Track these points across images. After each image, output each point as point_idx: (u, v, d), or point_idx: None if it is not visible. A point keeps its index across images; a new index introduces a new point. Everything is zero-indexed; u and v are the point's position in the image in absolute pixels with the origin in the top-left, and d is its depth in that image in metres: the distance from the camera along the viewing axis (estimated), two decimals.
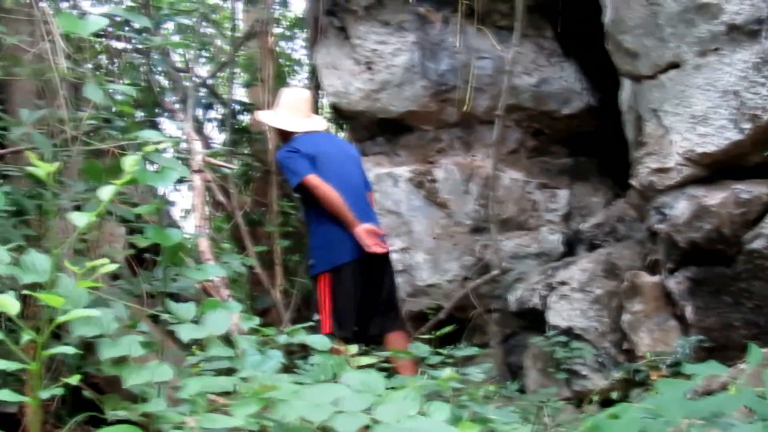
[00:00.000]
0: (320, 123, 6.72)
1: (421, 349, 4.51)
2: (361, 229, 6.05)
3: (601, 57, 6.26)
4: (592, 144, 7.94)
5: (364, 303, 6.16)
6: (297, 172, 6.21)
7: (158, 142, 3.61)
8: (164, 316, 3.42)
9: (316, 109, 6.67)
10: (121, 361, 3.39)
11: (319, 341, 3.69)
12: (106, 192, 2.77)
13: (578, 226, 7.60)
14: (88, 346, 3.57)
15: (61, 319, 2.60)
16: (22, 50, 4.60)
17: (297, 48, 12.93)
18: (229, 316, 3.37)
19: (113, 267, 2.73)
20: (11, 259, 2.83)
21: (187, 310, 3.34)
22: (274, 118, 6.70)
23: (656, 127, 5.64)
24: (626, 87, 6.29)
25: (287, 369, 3.60)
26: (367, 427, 2.61)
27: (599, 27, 6.11)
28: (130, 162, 2.94)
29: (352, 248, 6.11)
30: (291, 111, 6.56)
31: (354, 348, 3.98)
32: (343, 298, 6.11)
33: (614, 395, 5.57)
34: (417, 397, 2.84)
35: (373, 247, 6.03)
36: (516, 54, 7.02)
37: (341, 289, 6.13)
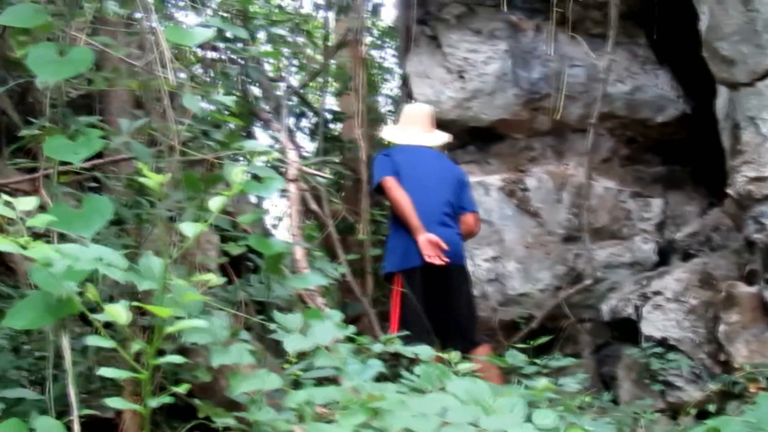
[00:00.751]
0: (433, 138, 6.68)
1: (517, 359, 4.49)
2: (423, 238, 6.05)
3: (696, 64, 6.18)
4: (686, 152, 7.85)
5: (434, 313, 6.14)
6: (378, 173, 6.29)
7: (262, 152, 3.66)
8: (270, 326, 3.44)
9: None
10: (218, 368, 3.43)
11: (423, 350, 3.70)
12: (215, 202, 2.80)
13: (672, 235, 7.52)
14: (183, 353, 3.62)
15: (170, 329, 2.64)
16: (122, 61, 4.67)
17: (388, 57, 13.00)
18: (334, 327, 3.38)
19: (221, 281, 2.77)
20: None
21: (294, 320, 3.36)
22: (387, 130, 6.92)
23: (754, 135, 5.55)
24: (722, 94, 6.21)
25: (385, 378, 3.61)
26: None
27: (695, 34, 6.04)
28: (237, 172, 2.97)
29: (420, 254, 6.12)
30: (406, 124, 6.66)
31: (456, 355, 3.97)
32: (410, 303, 6.08)
33: (710, 407, 5.49)
34: (523, 406, 2.83)
35: (432, 257, 6.02)
36: (610, 62, 6.96)
37: (408, 293, 6.12)
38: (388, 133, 6.88)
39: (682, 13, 6.55)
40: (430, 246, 6.03)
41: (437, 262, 6.03)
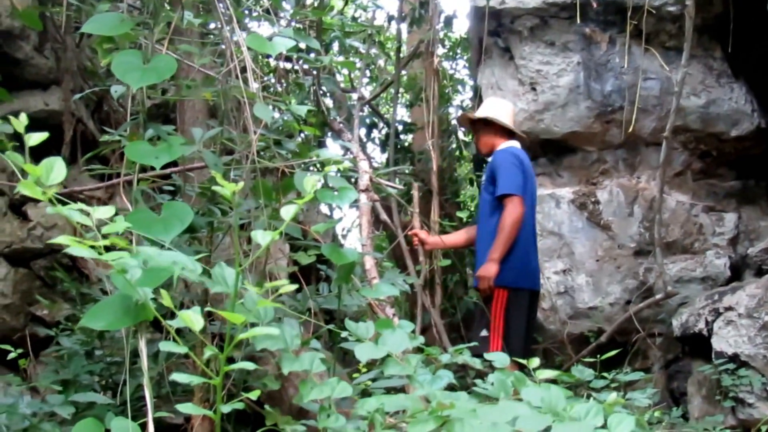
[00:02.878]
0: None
1: (585, 373, 4.47)
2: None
3: None
4: (760, 166, 7.78)
5: (531, 340, 6.21)
6: (517, 185, 6.19)
7: (337, 163, 3.69)
8: (342, 334, 3.47)
9: None
10: (287, 375, 3.46)
11: (498, 358, 3.71)
12: (288, 211, 2.82)
13: (746, 250, 7.44)
14: (252, 361, 3.66)
15: (243, 335, 2.67)
16: (198, 71, 4.73)
17: (460, 68, 13.00)
18: (406, 337, 3.40)
19: (292, 287, 2.79)
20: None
21: (366, 329, 3.39)
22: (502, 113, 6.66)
23: None
24: None
25: (455, 389, 3.61)
26: None
27: None
28: (310, 181, 3.00)
29: (533, 278, 6.24)
30: (507, 119, 6.59)
31: (536, 361, 3.96)
32: (516, 323, 6.05)
33: None
34: (600, 412, 2.82)
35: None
36: (684, 74, 6.91)
37: (517, 312, 6.08)
38: (502, 114, 6.65)
39: (757, 27, 6.50)
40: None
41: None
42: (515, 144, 6.46)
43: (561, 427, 2.63)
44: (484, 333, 5.97)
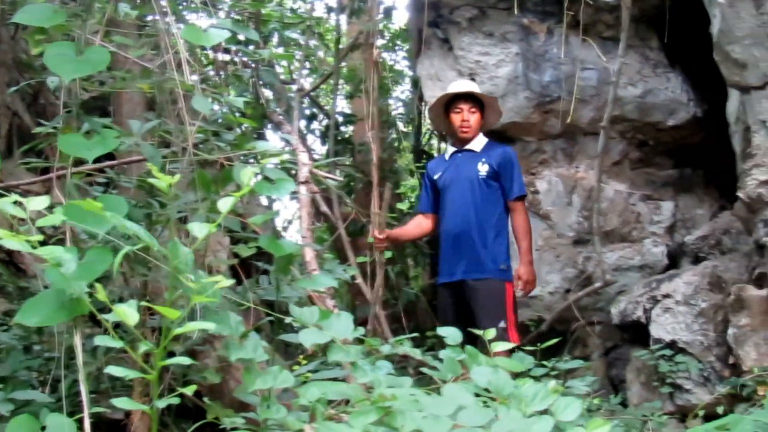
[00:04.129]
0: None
1: (525, 361, 4.50)
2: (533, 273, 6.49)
3: (708, 67, 6.19)
4: (697, 155, 7.86)
5: None
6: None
7: (275, 155, 3.67)
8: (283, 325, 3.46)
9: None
10: (226, 369, 3.45)
11: (450, 333, 3.73)
12: (225, 203, 2.82)
13: (683, 238, 7.52)
14: (192, 355, 3.64)
15: (178, 330, 2.65)
16: (134, 63, 4.70)
17: (400, 59, 13.02)
18: (350, 323, 3.41)
19: (230, 282, 2.78)
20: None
21: (310, 314, 3.38)
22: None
23: (765, 139, 5.56)
24: (734, 98, 6.21)
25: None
26: None
27: (706, 37, 6.04)
28: (248, 174, 2.99)
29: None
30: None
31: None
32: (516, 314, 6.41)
33: (719, 410, 5.50)
34: (547, 396, 2.84)
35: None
36: (621, 65, 6.97)
37: (517, 306, 6.45)
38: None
39: (694, 17, 6.56)
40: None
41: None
42: None
43: (502, 424, 2.64)
44: (502, 324, 6.07)
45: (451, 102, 6.58)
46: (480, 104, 6.59)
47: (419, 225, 6.94)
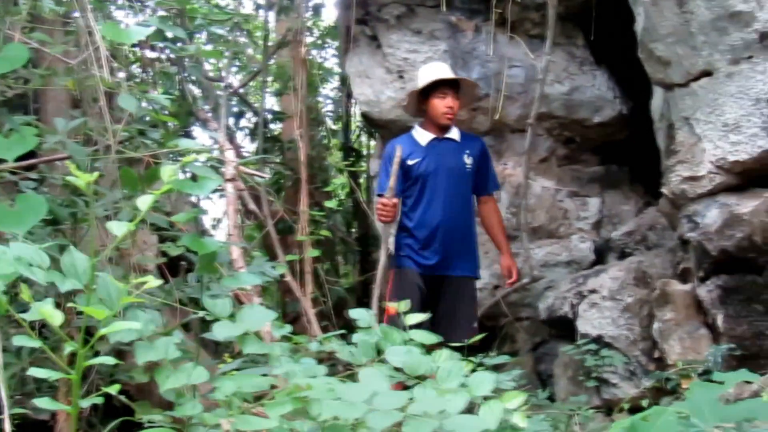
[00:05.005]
0: None
1: (452, 356, 4.51)
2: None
3: (633, 65, 6.25)
4: (623, 152, 7.94)
5: None
6: None
7: (198, 152, 3.65)
8: (205, 317, 3.43)
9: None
10: (154, 367, 3.41)
11: (361, 314, 3.72)
12: (144, 201, 2.79)
13: (609, 234, 7.59)
14: (119, 354, 3.60)
15: (103, 331, 2.62)
16: (58, 60, 4.65)
17: (329, 57, 13.01)
18: (266, 315, 3.39)
19: (158, 282, 2.76)
20: (50, 263, 2.86)
21: (224, 306, 3.36)
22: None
23: (688, 135, 5.63)
24: (658, 95, 6.29)
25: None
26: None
27: (631, 35, 6.10)
28: (169, 171, 2.97)
29: None
30: None
31: None
32: None
33: (644, 404, 5.55)
34: (461, 372, 2.86)
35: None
36: (548, 62, 7.02)
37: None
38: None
39: (619, 15, 6.62)
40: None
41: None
42: None
43: (417, 405, 2.65)
44: (475, 324, 6.12)
45: (432, 86, 6.48)
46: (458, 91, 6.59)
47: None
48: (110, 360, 2.76)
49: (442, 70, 6.60)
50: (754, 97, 5.18)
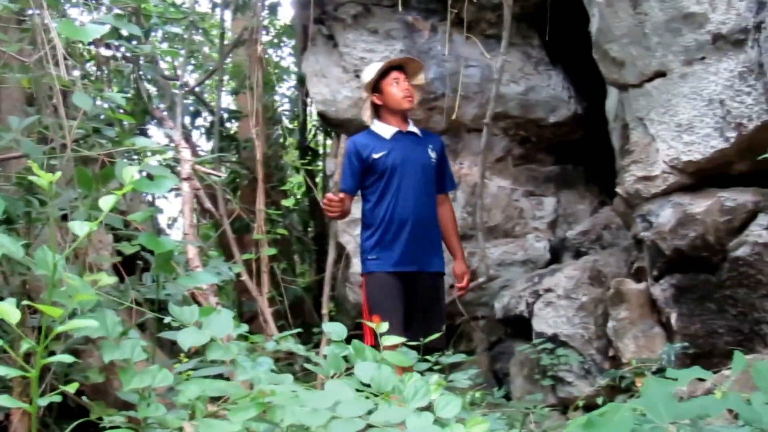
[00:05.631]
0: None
1: (409, 356, 4.52)
2: None
3: (588, 66, 6.30)
4: (578, 152, 7.99)
5: None
6: None
7: (155, 151, 3.64)
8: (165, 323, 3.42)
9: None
10: (110, 368, 3.40)
11: (335, 328, 3.71)
12: (106, 201, 2.78)
13: (564, 233, 7.64)
14: (75, 354, 3.58)
15: (60, 328, 2.61)
16: (12, 58, 4.61)
17: (285, 56, 12.99)
18: (231, 321, 3.38)
19: (112, 280, 2.75)
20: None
21: (190, 313, 3.34)
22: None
23: (642, 136, 5.68)
24: (612, 95, 6.34)
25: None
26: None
27: (586, 36, 6.14)
28: (129, 171, 2.95)
29: None
30: None
31: None
32: None
33: (599, 402, 5.59)
34: (427, 393, 2.86)
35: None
36: (504, 62, 7.05)
37: None
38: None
39: (574, 16, 6.66)
40: None
41: None
42: None
43: (380, 414, 2.66)
44: (444, 325, 6.14)
45: (382, 77, 6.33)
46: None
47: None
48: (67, 358, 2.75)
49: (378, 66, 6.45)
50: (707, 97, 5.23)
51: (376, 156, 6.21)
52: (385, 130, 6.34)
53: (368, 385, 3.09)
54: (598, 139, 6.97)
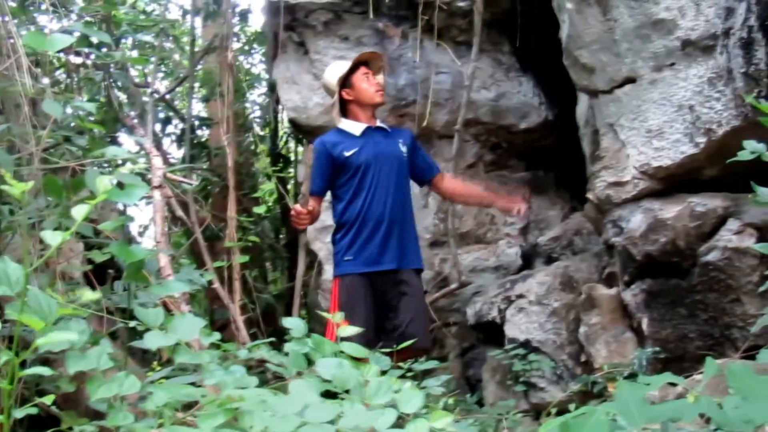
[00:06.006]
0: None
1: (382, 362, 4.52)
2: None
3: (559, 72, 6.32)
4: (549, 158, 8.01)
5: None
6: None
7: (126, 160, 3.62)
8: (134, 325, 3.40)
9: None
10: (81, 377, 3.38)
11: (295, 324, 3.69)
12: (79, 211, 2.76)
13: (536, 239, 7.65)
14: (45, 364, 3.56)
15: (40, 341, 2.59)
16: None
17: (256, 63, 12.98)
18: (198, 324, 3.36)
19: (95, 296, 2.73)
20: None
21: (156, 316, 3.32)
22: None
23: (612, 141, 5.70)
24: (583, 102, 6.36)
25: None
26: None
27: (556, 42, 6.17)
28: (102, 180, 2.93)
29: None
30: None
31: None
32: None
33: (572, 407, 5.60)
34: (390, 389, 2.86)
35: None
36: (474, 69, 7.07)
37: None
38: None
39: (544, 22, 6.68)
40: None
41: None
42: None
43: (347, 419, 2.66)
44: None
45: (350, 73, 6.32)
46: None
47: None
48: (45, 370, 2.73)
49: (348, 61, 6.46)
50: (676, 103, 5.27)
51: (347, 154, 6.13)
52: (354, 127, 6.28)
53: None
54: (568, 145, 6.99)
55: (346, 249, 6.10)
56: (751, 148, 3.87)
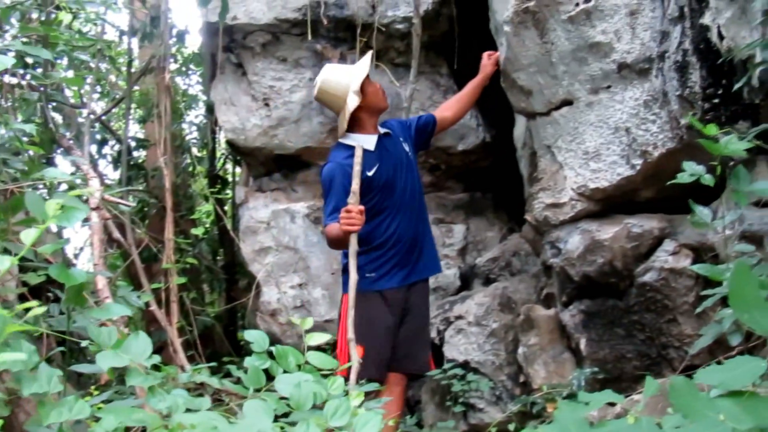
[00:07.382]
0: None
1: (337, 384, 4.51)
2: None
3: (496, 94, 6.37)
4: (487, 179, 8.05)
5: None
6: None
7: (63, 181, 3.58)
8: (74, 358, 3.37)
9: None
10: (15, 400, 3.33)
11: (258, 338, 3.66)
12: (29, 235, 2.73)
13: (474, 260, 7.68)
14: None
15: None
16: None
17: (193, 84, 12.91)
18: (150, 344, 3.33)
19: (42, 310, 2.70)
20: None
21: (109, 336, 3.29)
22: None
23: (550, 163, 5.75)
24: (520, 123, 6.42)
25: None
26: None
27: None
28: (51, 205, 2.91)
29: None
30: None
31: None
32: None
33: (511, 428, 5.63)
34: (348, 411, 2.86)
35: None
36: (413, 90, 7.09)
37: None
38: None
39: (482, 45, 6.73)
40: None
41: None
42: None
43: None
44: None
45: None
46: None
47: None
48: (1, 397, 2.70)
49: (362, 65, 6.31)
50: (613, 125, 5.33)
51: (369, 174, 5.87)
52: (367, 141, 6.02)
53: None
54: (506, 166, 7.04)
55: (367, 266, 5.89)
56: (690, 171, 3.92)
